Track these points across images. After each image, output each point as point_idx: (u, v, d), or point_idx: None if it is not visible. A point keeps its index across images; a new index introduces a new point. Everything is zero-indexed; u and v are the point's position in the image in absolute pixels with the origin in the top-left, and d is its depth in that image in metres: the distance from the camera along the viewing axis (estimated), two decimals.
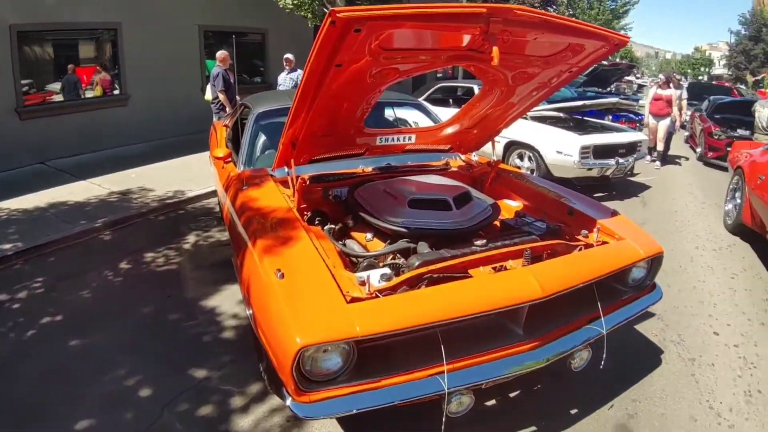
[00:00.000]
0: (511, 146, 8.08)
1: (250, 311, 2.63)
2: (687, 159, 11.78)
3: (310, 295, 2.33)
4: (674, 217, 7.40)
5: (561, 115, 8.94)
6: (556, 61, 3.16)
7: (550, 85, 3.52)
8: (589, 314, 2.92)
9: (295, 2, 11.43)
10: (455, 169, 4.43)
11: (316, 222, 3.41)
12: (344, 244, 3.21)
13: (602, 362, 2.96)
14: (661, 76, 11.38)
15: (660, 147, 10.53)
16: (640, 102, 12.97)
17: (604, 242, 3.25)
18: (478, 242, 2.99)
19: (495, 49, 2.53)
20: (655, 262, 3.28)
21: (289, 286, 2.36)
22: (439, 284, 2.52)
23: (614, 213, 3.60)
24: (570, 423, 3.14)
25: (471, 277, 2.65)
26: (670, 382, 3.61)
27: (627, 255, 3.09)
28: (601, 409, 3.28)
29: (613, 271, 2.94)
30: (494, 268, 2.74)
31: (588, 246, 3.19)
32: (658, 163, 10.61)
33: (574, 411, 3.24)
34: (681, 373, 3.73)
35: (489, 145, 4.34)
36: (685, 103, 11.04)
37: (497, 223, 3.64)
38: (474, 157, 4.55)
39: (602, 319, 2.89)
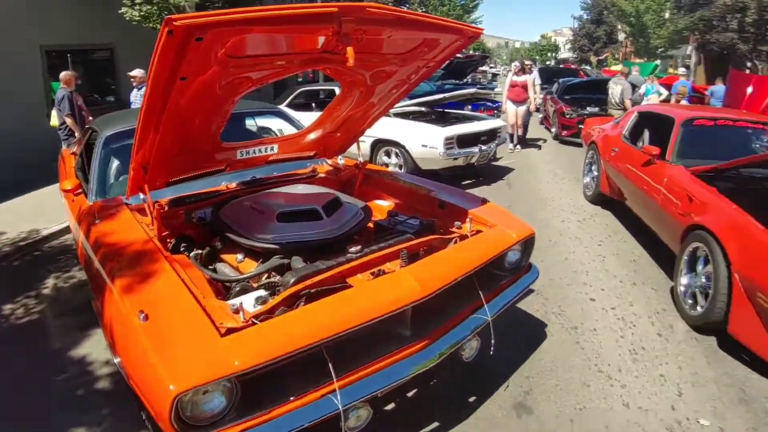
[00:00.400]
0: (378, 144, 8.16)
1: (118, 359, 2.38)
2: (544, 141, 12.54)
3: (179, 335, 2.12)
4: (538, 194, 7.83)
5: (423, 109, 9.15)
6: (413, 57, 3.14)
7: (410, 82, 3.51)
8: (472, 304, 2.95)
9: (141, 14, 10.78)
10: (323, 175, 4.34)
11: (182, 249, 3.17)
12: (214, 270, 3.01)
13: (492, 348, 3.00)
14: (515, 63, 11.99)
15: (520, 132, 11.12)
16: (496, 90, 13.63)
17: (478, 231, 3.30)
18: (353, 249, 2.91)
19: (349, 49, 2.44)
20: (528, 243, 3.38)
21: (155, 327, 2.14)
22: (318, 299, 2.41)
23: (484, 201, 3.67)
24: (470, 411, 3.16)
25: (350, 286, 2.57)
26: (559, 353, 3.75)
27: (501, 241, 3.14)
28: (497, 391, 3.34)
29: (490, 258, 2.98)
30: (373, 274, 2.67)
31: (463, 237, 3.21)
32: (519, 146, 11.18)
33: (472, 399, 3.27)
34: (567, 342, 3.90)
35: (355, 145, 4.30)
36: (538, 87, 11.69)
37: (371, 225, 3.58)
38: (340, 160, 4.48)
39: (485, 306, 2.92)
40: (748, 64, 23.33)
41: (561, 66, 35.53)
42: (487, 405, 3.23)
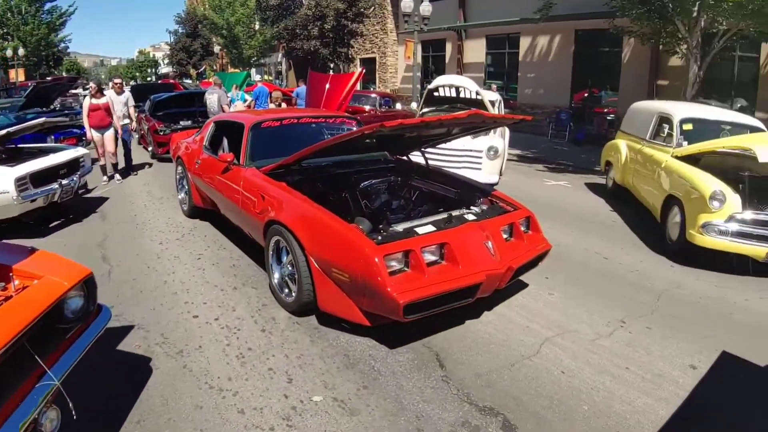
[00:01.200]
0: None
1: None
2: (150, 165, 11.86)
3: None
4: (135, 220, 7.42)
5: None
6: None
7: None
8: (35, 372, 2.53)
9: None
10: None
11: None
12: None
13: (73, 413, 2.63)
14: (91, 84, 10.82)
15: (113, 160, 9.92)
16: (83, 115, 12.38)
17: (25, 287, 2.84)
18: None
19: None
20: (88, 285, 3.05)
21: None
22: None
23: (32, 250, 3.20)
24: None
25: None
26: (167, 384, 3.55)
27: (50, 293, 2.75)
28: None
29: (38, 316, 2.57)
30: None
31: (8, 298, 2.73)
32: (118, 176, 10.07)
33: None
34: (173, 370, 3.71)
35: None
36: (133, 109, 10.67)
37: None
38: None
39: (49, 371, 2.55)
40: (331, 66, 26.63)
41: (159, 81, 34.83)
42: None
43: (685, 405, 3.41)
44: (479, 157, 8.71)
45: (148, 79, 62.69)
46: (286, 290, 4.57)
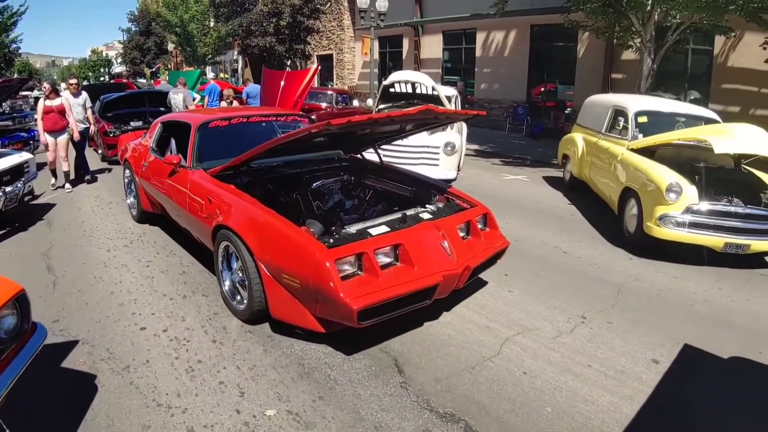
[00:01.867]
0: None
1: None
2: (109, 171, 11.02)
3: None
4: (82, 227, 7.06)
5: None
6: None
7: None
8: None
9: None
10: None
11: None
12: None
13: None
14: (45, 85, 10.21)
15: (65, 167, 9.23)
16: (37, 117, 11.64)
17: None
18: None
19: None
20: (21, 302, 2.83)
21: None
22: None
23: None
24: None
25: None
26: (112, 402, 3.31)
27: None
28: None
29: None
30: None
31: None
32: (68, 185, 9.33)
33: None
34: (119, 387, 3.48)
35: None
36: (90, 111, 10.00)
37: None
38: None
39: None
40: (288, 63, 26.27)
41: (112, 81, 33.89)
42: None
43: (650, 402, 3.36)
44: (436, 153, 8.64)
45: (101, 78, 60.84)
46: (238, 297, 4.37)
